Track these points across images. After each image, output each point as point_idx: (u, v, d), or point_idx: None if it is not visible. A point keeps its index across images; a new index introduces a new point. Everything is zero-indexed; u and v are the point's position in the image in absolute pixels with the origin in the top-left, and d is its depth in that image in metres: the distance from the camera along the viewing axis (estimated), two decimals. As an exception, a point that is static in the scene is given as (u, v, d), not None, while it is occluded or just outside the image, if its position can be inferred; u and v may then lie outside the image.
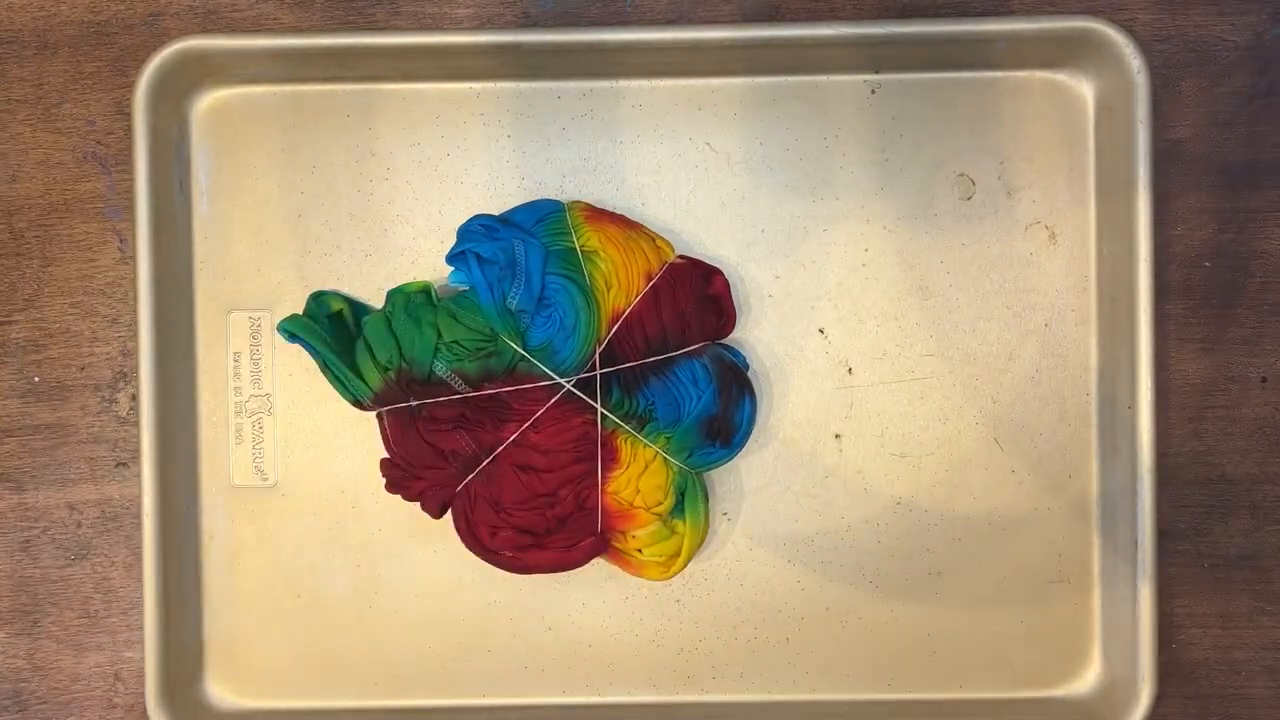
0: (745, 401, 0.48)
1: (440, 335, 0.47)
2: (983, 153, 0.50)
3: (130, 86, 0.49)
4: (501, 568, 0.48)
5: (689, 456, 0.48)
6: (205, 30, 0.50)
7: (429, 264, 0.50)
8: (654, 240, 0.48)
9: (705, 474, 0.49)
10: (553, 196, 0.50)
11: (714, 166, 0.50)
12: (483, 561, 0.48)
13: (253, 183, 0.50)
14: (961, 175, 0.50)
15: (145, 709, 0.48)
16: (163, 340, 0.48)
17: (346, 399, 0.48)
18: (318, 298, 0.49)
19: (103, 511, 0.51)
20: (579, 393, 0.47)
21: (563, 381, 0.47)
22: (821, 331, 0.50)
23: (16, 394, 0.51)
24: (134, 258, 0.48)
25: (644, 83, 0.50)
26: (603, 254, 0.47)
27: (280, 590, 0.50)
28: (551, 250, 0.47)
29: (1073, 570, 0.50)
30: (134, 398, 0.51)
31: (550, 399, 0.47)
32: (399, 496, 0.49)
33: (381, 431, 0.48)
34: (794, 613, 0.50)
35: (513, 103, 0.50)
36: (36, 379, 0.51)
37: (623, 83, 0.50)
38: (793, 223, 0.50)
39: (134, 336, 0.49)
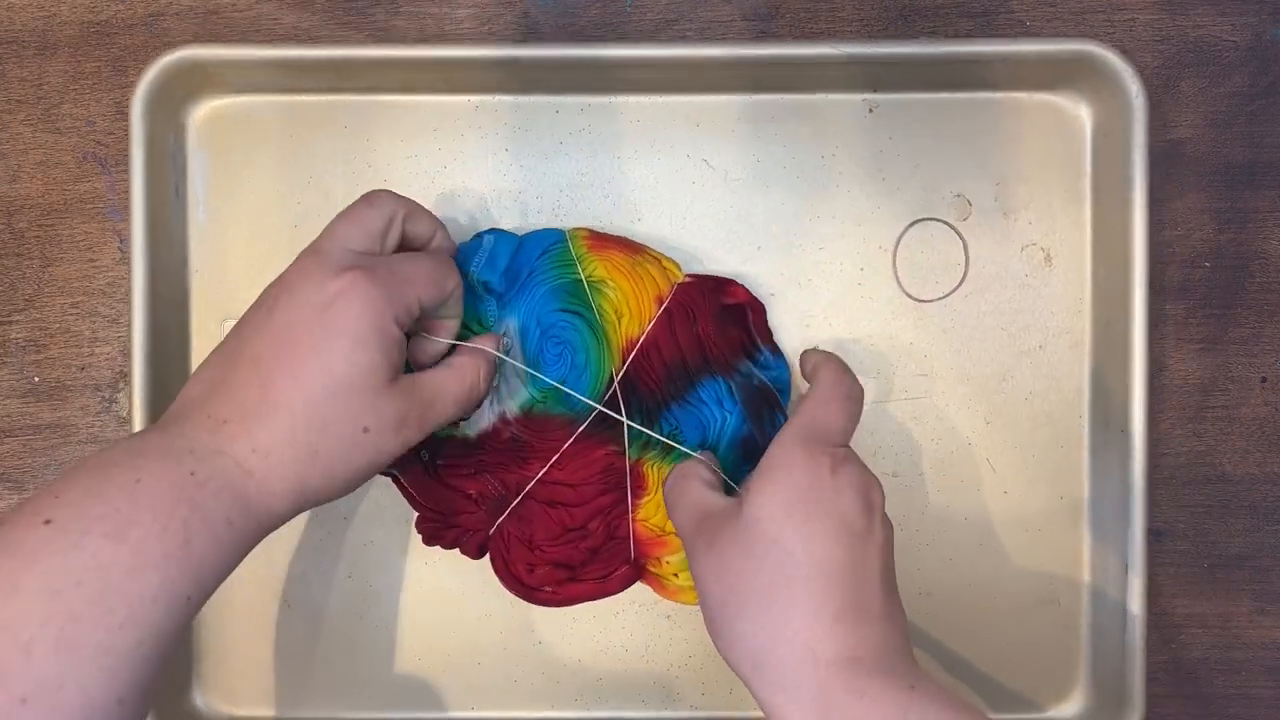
0: (780, 420, 0.47)
1: None
2: (979, 173, 0.50)
3: (130, 86, 0.48)
4: (543, 604, 0.48)
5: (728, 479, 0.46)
6: (206, 29, 0.50)
7: (424, 276, 0.50)
8: (660, 262, 0.48)
9: None
10: (550, 210, 0.50)
11: (711, 183, 0.50)
12: (516, 596, 0.48)
13: (249, 192, 0.50)
14: (958, 196, 0.50)
15: (134, 716, 0.48)
16: (157, 347, 0.48)
17: None
18: None
19: (96, 517, 0.51)
20: (600, 425, 0.46)
21: (588, 405, 0.46)
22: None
23: (16, 394, 0.51)
24: (130, 264, 0.48)
25: (642, 98, 0.50)
26: (611, 282, 0.47)
27: (270, 600, 0.50)
28: (557, 285, 0.46)
29: (1063, 592, 0.50)
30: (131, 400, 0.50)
31: (570, 436, 0.46)
32: (401, 514, 0.49)
33: (402, 491, 0.47)
34: (784, 630, 0.50)
35: (511, 116, 0.50)
36: (36, 379, 0.51)
37: (621, 98, 0.50)
38: (788, 240, 0.50)
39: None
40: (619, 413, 0.46)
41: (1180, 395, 0.51)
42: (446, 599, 0.50)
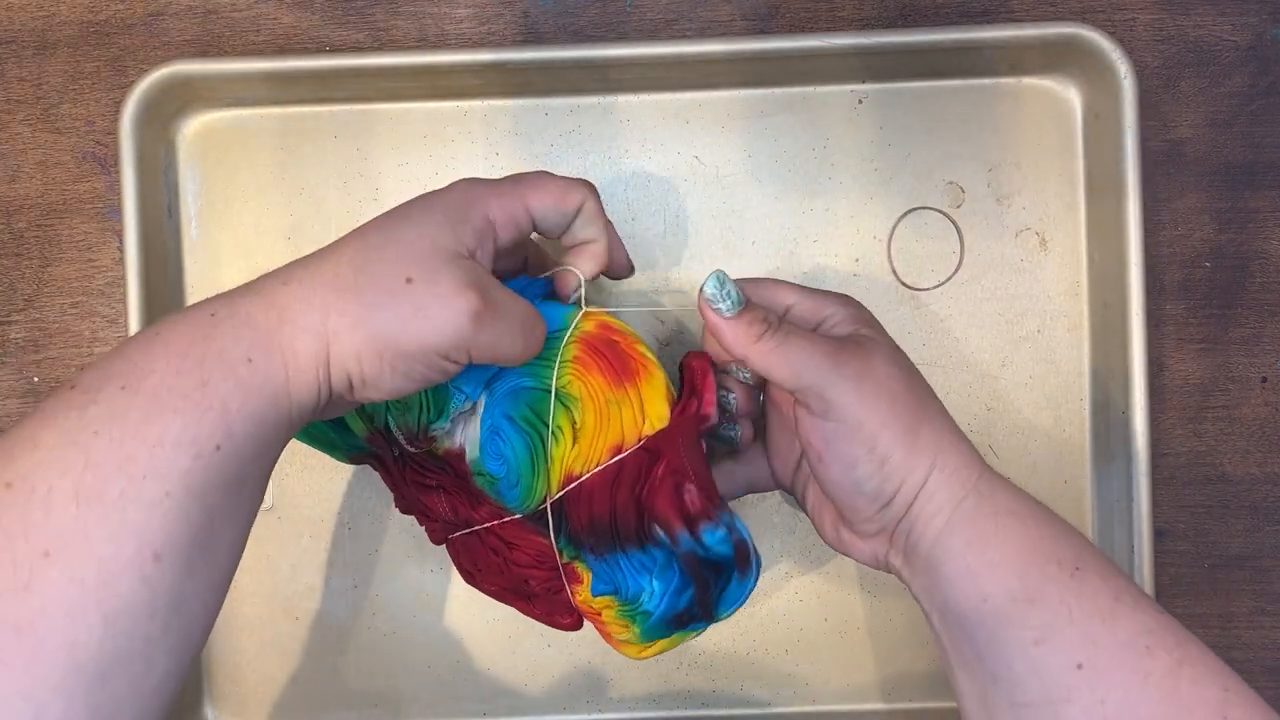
0: (729, 584, 0.41)
1: None
2: (972, 160, 0.50)
3: (129, 86, 0.48)
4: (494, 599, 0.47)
5: (650, 635, 0.42)
6: (205, 30, 0.50)
7: (420, 283, 0.50)
8: (642, 411, 0.41)
9: None
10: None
11: (703, 179, 0.50)
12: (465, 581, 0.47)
13: (241, 206, 0.50)
14: (951, 183, 0.50)
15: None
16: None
17: (340, 459, 0.46)
18: None
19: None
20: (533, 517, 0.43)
21: (513, 512, 0.43)
22: (814, 342, 0.50)
23: (16, 394, 0.51)
24: (124, 284, 0.48)
25: (631, 97, 0.50)
26: (579, 406, 0.41)
27: (278, 613, 0.50)
28: (525, 389, 0.41)
29: (1070, 576, 0.50)
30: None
31: (506, 515, 0.43)
32: (405, 522, 0.49)
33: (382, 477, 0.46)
34: (792, 624, 0.50)
35: (501, 120, 0.50)
36: (36, 379, 0.51)
37: (610, 98, 0.50)
38: (782, 234, 0.50)
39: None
40: (547, 526, 0.42)
41: (1180, 395, 0.51)
42: (453, 605, 0.50)
